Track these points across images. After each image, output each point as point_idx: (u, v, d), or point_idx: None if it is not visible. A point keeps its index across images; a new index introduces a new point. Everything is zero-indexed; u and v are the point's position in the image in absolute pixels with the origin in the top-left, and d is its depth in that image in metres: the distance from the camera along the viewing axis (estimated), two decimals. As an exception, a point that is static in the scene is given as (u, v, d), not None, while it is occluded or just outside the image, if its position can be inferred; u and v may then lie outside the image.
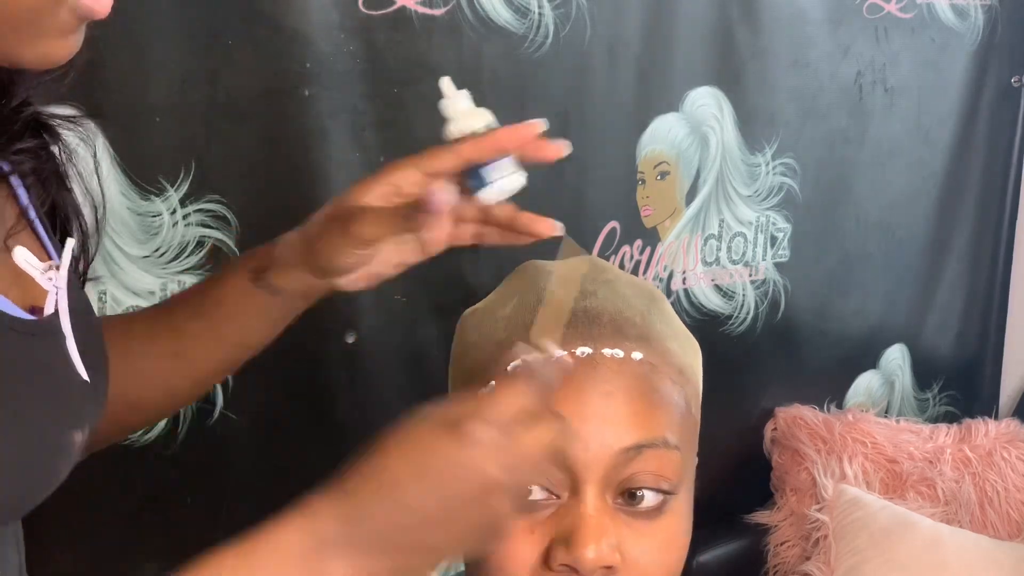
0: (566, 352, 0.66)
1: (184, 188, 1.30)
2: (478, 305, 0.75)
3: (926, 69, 2.10)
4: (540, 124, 0.71)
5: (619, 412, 0.65)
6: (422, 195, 0.68)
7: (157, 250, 1.30)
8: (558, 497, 0.66)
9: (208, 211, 1.33)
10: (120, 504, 1.35)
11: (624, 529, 0.66)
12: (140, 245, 1.28)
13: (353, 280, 0.74)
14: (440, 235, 0.72)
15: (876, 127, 2.06)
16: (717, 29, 1.77)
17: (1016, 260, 2.41)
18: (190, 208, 1.31)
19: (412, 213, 0.68)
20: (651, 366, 0.68)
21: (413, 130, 1.46)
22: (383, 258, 0.74)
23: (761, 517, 2.00)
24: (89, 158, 0.75)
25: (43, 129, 0.68)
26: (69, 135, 0.71)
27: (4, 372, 0.60)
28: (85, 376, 0.67)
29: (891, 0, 2.00)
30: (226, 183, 1.33)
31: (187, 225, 1.31)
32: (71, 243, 0.67)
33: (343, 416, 1.50)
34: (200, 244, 1.33)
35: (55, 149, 0.69)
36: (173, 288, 1.31)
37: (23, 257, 0.63)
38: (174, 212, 1.30)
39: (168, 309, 0.83)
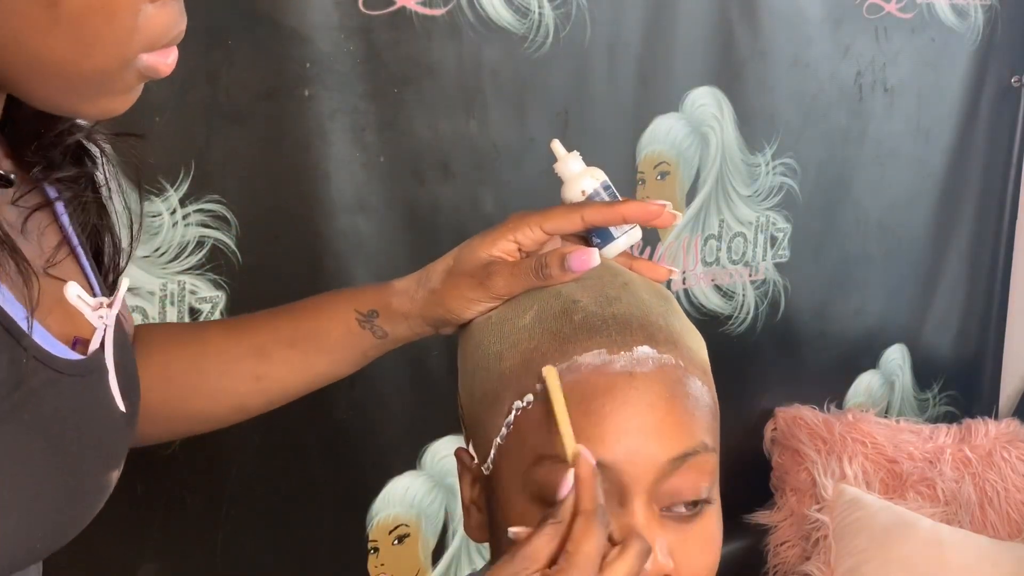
0: (601, 362, 0.66)
1: (184, 188, 1.30)
2: (491, 315, 0.74)
3: (926, 69, 2.10)
4: (664, 204, 0.74)
5: (663, 422, 0.65)
6: (564, 253, 0.70)
7: (157, 250, 1.30)
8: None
9: (208, 211, 1.33)
10: (120, 504, 1.35)
11: (671, 534, 0.66)
12: (140, 245, 1.28)
13: (458, 326, 0.77)
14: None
15: (876, 127, 2.06)
16: (717, 29, 1.78)
17: (1016, 260, 2.41)
18: (190, 208, 1.31)
19: (546, 270, 0.71)
20: (683, 369, 0.68)
21: (413, 130, 1.46)
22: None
23: (761, 517, 2.00)
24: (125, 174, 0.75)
25: (85, 156, 0.68)
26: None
27: (51, 419, 0.59)
28: (123, 407, 0.66)
29: (891, 0, 2.00)
30: (226, 183, 1.33)
31: (187, 225, 1.31)
32: (126, 282, 0.67)
33: (343, 416, 1.50)
34: (200, 244, 1.33)
35: (98, 175, 0.69)
36: (173, 288, 1.31)
37: (75, 292, 0.63)
38: (174, 212, 1.30)
39: (251, 329, 0.82)
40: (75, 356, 0.62)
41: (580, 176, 0.78)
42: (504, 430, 0.68)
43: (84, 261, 0.68)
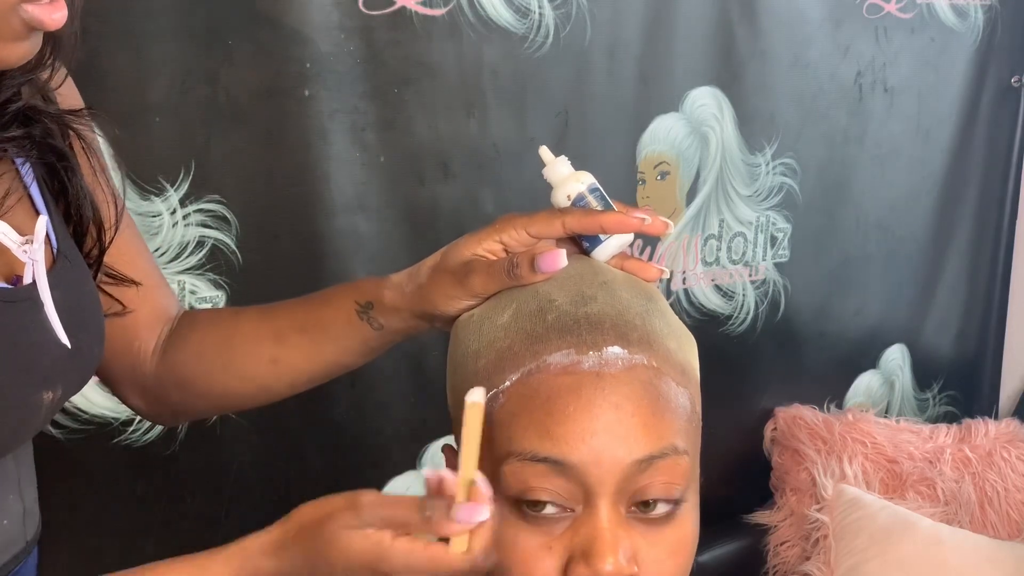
0: (569, 361, 0.66)
1: (184, 188, 1.30)
2: (474, 312, 0.74)
3: (926, 69, 2.10)
4: (644, 217, 0.76)
5: (628, 424, 0.65)
6: (535, 254, 0.72)
7: (157, 250, 1.30)
8: (572, 511, 0.66)
9: (208, 211, 1.33)
10: (120, 504, 1.35)
11: (638, 537, 0.66)
12: (140, 245, 1.28)
13: (448, 325, 0.79)
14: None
15: (876, 127, 2.06)
16: (717, 29, 1.78)
17: (1016, 260, 2.41)
18: (190, 208, 1.31)
19: (516, 270, 0.73)
20: (655, 370, 0.67)
21: (413, 130, 1.46)
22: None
23: (761, 517, 2.00)
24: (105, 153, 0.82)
25: (31, 123, 0.73)
26: (85, 130, 0.79)
27: None
28: (65, 341, 0.72)
29: (891, 0, 2.00)
30: (226, 183, 1.33)
31: (187, 225, 1.32)
32: (43, 220, 0.71)
33: (343, 416, 1.50)
34: (200, 244, 1.33)
35: (57, 142, 0.75)
36: (173, 288, 1.31)
37: (2, 231, 0.69)
38: (174, 212, 1.30)
39: (273, 315, 0.88)
40: (1, 285, 0.69)
41: (566, 181, 0.78)
42: None
43: (45, 214, 0.74)
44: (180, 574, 0.68)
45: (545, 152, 0.80)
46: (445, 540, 0.62)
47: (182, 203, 1.30)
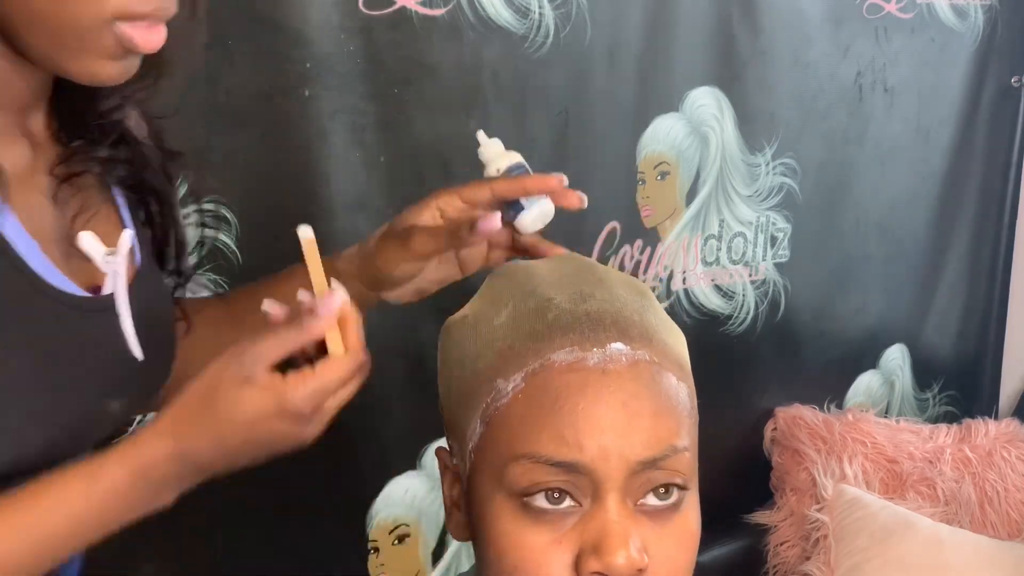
0: (574, 359, 0.67)
1: (184, 188, 1.30)
2: (466, 313, 0.74)
3: (926, 69, 2.10)
4: (562, 177, 0.86)
5: (634, 423, 0.66)
6: (472, 219, 0.81)
7: (157, 250, 1.30)
8: (580, 504, 0.66)
9: (208, 211, 1.32)
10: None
11: (646, 531, 0.66)
12: (140, 245, 1.28)
13: (399, 294, 0.87)
14: (478, 255, 0.89)
15: (876, 127, 2.06)
16: (717, 29, 1.78)
17: (1016, 260, 2.41)
18: (190, 208, 1.31)
19: (458, 233, 0.81)
20: (657, 365, 0.68)
21: (413, 130, 1.46)
22: (427, 275, 0.89)
23: (761, 517, 2.00)
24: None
25: (123, 143, 0.77)
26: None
27: (48, 339, 0.67)
28: (139, 354, 0.74)
29: (891, 0, 2.00)
30: (226, 183, 1.33)
31: (187, 225, 1.31)
32: (128, 233, 0.74)
33: (342, 416, 1.50)
34: (200, 244, 1.33)
35: (149, 177, 0.81)
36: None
37: (87, 242, 0.71)
38: (174, 212, 1.30)
39: (232, 300, 0.94)
40: (81, 293, 0.70)
41: (498, 157, 0.90)
42: (479, 428, 0.69)
43: (131, 231, 0.77)
44: (73, 486, 0.68)
45: (481, 135, 0.91)
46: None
47: (182, 203, 1.30)
